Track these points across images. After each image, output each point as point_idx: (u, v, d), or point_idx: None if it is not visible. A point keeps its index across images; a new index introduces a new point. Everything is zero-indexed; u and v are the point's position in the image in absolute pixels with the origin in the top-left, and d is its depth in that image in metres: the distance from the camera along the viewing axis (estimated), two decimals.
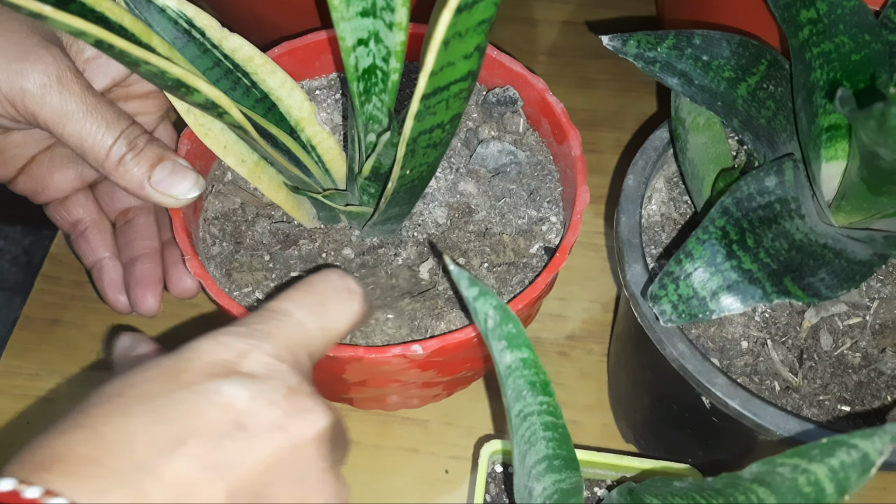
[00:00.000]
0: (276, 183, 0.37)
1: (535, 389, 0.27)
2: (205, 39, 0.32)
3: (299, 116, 0.34)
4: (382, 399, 0.43)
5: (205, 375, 0.24)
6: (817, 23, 0.32)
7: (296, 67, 0.41)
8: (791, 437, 0.30)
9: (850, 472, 0.22)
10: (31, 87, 0.33)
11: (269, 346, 0.25)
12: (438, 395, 0.45)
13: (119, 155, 0.34)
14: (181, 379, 0.24)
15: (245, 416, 0.23)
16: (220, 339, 0.25)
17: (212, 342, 0.25)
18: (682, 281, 0.29)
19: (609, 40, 0.33)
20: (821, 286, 0.29)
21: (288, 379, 0.25)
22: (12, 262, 1.10)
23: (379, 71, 0.32)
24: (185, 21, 0.32)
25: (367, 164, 0.33)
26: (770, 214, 0.30)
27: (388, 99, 0.33)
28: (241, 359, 0.25)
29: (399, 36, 0.31)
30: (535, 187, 0.41)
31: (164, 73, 0.26)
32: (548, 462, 0.29)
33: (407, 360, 0.34)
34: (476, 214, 0.40)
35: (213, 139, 0.33)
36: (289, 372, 0.25)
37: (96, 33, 0.24)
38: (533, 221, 0.40)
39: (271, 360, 0.25)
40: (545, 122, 0.42)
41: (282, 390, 0.24)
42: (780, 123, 0.33)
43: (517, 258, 0.39)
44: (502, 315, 0.27)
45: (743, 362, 0.34)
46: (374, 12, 0.31)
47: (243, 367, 0.24)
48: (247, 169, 0.35)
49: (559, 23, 0.63)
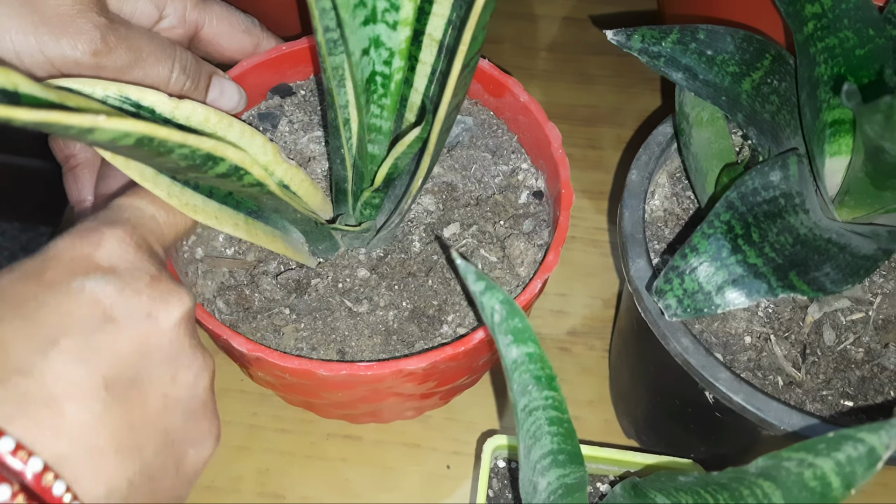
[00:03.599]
0: (269, 234, 0.36)
1: (540, 384, 0.27)
2: (156, 116, 0.31)
3: (266, 161, 0.33)
4: (377, 413, 0.43)
5: (68, 273, 0.25)
6: (822, 18, 0.32)
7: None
8: (794, 432, 0.30)
9: (856, 466, 0.22)
10: (81, 56, 0.33)
11: (124, 233, 0.27)
12: (435, 405, 0.45)
13: (178, 88, 0.37)
14: (45, 279, 0.25)
15: (112, 309, 0.25)
16: (75, 233, 0.26)
17: (69, 237, 0.26)
18: (687, 275, 0.29)
19: (613, 35, 0.33)
20: (825, 280, 0.29)
21: (148, 268, 0.27)
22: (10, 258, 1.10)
23: (379, 76, 0.32)
24: (130, 105, 0.30)
25: (381, 172, 0.32)
26: (775, 209, 0.30)
27: (390, 103, 0.32)
28: (98, 249, 0.26)
29: (403, 33, 0.30)
30: (493, 145, 0.42)
31: (195, 152, 0.26)
32: (553, 457, 0.29)
33: (407, 374, 0.33)
34: (456, 190, 0.41)
35: (203, 214, 0.32)
36: (147, 261, 0.27)
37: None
38: (507, 175, 0.41)
39: (129, 248, 0.27)
40: (473, 83, 0.43)
41: (145, 279, 0.26)
42: (784, 118, 0.33)
43: (515, 211, 0.40)
44: (509, 309, 0.27)
45: (746, 357, 0.34)
46: (374, 18, 0.31)
47: (103, 260, 0.26)
48: (243, 230, 0.34)
49: (560, 19, 0.63)
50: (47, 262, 0.25)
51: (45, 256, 0.26)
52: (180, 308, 0.27)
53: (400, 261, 0.38)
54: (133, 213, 0.28)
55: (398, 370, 0.32)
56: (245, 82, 0.41)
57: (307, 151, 0.42)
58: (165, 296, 0.26)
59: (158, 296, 0.26)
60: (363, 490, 0.45)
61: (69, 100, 0.25)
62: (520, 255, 0.38)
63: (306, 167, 0.41)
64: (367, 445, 0.46)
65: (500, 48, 0.62)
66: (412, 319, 0.37)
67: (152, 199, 0.29)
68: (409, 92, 0.34)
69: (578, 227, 0.53)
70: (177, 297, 0.27)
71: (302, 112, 0.43)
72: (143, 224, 0.28)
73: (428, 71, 0.33)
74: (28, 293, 0.24)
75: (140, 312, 0.26)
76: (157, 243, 0.29)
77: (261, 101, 0.43)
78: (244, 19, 0.41)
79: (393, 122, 0.35)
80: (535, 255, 0.38)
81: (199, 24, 0.39)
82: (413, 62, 0.33)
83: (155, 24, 0.37)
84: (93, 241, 0.26)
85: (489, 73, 0.41)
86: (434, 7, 0.31)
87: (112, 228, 0.27)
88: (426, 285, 0.37)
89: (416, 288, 0.37)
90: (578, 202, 0.54)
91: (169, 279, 0.27)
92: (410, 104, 0.34)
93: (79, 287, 0.25)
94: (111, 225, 0.27)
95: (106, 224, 0.27)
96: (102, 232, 0.27)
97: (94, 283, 0.25)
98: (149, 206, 0.29)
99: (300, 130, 0.42)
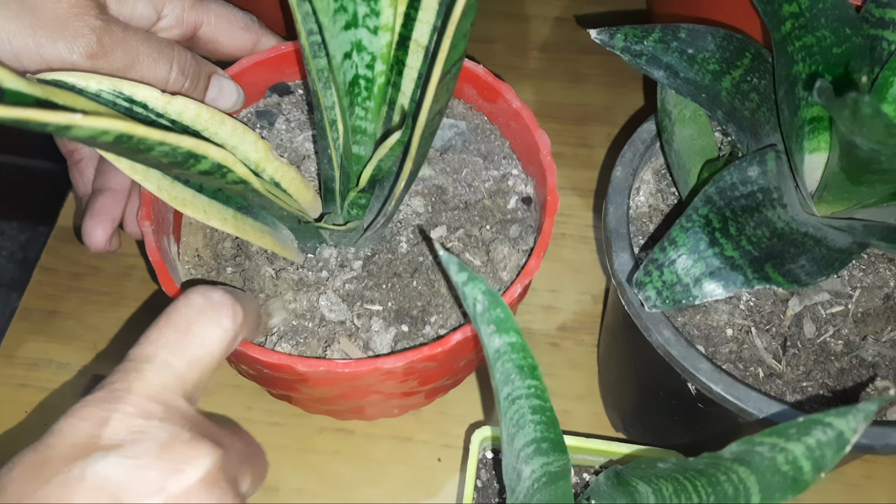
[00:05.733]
0: (258, 230, 0.37)
1: (523, 373, 0.28)
2: (148, 112, 0.31)
3: (257, 158, 0.33)
4: (361, 410, 0.44)
5: (67, 461, 0.23)
6: (799, 17, 0.32)
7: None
8: (774, 421, 0.31)
9: (825, 450, 0.23)
10: (77, 59, 0.33)
11: (129, 407, 0.24)
12: (420, 403, 0.45)
13: (177, 88, 0.37)
14: (45, 473, 0.23)
15: (120, 491, 0.23)
16: (78, 414, 0.24)
17: (70, 419, 0.24)
18: (666, 268, 0.30)
19: (597, 34, 0.34)
20: (801, 273, 0.29)
21: (157, 435, 0.24)
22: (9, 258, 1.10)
23: (362, 80, 0.32)
24: (124, 100, 0.31)
25: (365, 174, 0.33)
26: (752, 203, 0.30)
27: (374, 105, 0.33)
28: (102, 429, 0.24)
29: (384, 38, 0.31)
30: (485, 150, 0.43)
31: (175, 149, 0.26)
32: (536, 445, 0.29)
33: (385, 372, 0.34)
34: (446, 193, 0.41)
35: (192, 208, 0.33)
36: (157, 427, 0.24)
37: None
38: (498, 180, 0.42)
39: (136, 420, 0.24)
40: (468, 88, 0.43)
41: (153, 450, 0.24)
42: (763, 115, 0.34)
43: (503, 216, 0.40)
44: (491, 300, 0.27)
45: (728, 349, 0.35)
46: (355, 23, 0.31)
47: (105, 439, 0.23)
48: (231, 225, 0.35)
49: (551, 18, 0.64)
50: (46, 451, 0.23)
51: (44, 445, 0.24)
52: (196, 472, 0.24)
53: (387, 261, 0.39)
54: (141, 372, 0.25)
55: (375, 368, 0.33)
56: (244, 80, 0.41)
57: (302, 150, 0.42)
58: (177, 464, 0.24)
59: (170, 466, 0.24)
60: (356, 482, 0.45)
61: (56, 96, 0.25)
62: (503, 260, 0.38)
63: (301, 165, 0.42)
64: (360, 439, 0.46)
65: (492, 48, 0.62)
66: (397, 320, 0.37)
67: (161, 343, 0.26)
68: (396, 95, 0.34)
69: (568, 225, 0.54)
70: (191, 462, 0.24)
71: (299, 111, 0.44)
72: (156, 381, 0.25)
73: (415, 75, 0.33)
74: (26, 492, 0.23)
75: (150, 490, 0.23)
76: (175, 393, 0.26)
77: (259, 98, 0.44)
78: (243, 17, 0.42)
79: (379, 125, 0.35)
80: (518, 259, 0.39)
81: (198, 23, 0.39)
82: (400, 66, 0.33)
83: (153, 25, 0.38)
84: (95, 420, 0.24)
85: (484, 78, 0.42)
86: (420, 14, 0.32)
87: (116, 403, 0.24)
88: (411, 286, 0.38)
89: (401, 289, 0.38)
90: (569, 200, 0.55)
91: (185, 440, 0.24)
92: (398, 107, 0.35)
93: (79, 475, 0.23)
94: (115, 399, 0.24)
95: (110, 399, 0.24)
96: (106, 408, 0.24)
97: (95, 467, 0.23)
98: (159, 352, 0.26)
99: (296, 129, 0.43)
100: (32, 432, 0.46)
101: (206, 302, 0.27)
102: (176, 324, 0.27)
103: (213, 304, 0.27)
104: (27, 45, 0.33)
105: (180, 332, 0.26)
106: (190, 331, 0.27)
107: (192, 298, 0.27)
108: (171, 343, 0.26)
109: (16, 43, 0.33)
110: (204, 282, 0.38)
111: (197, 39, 0.40)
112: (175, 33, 0.39)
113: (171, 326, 0.27)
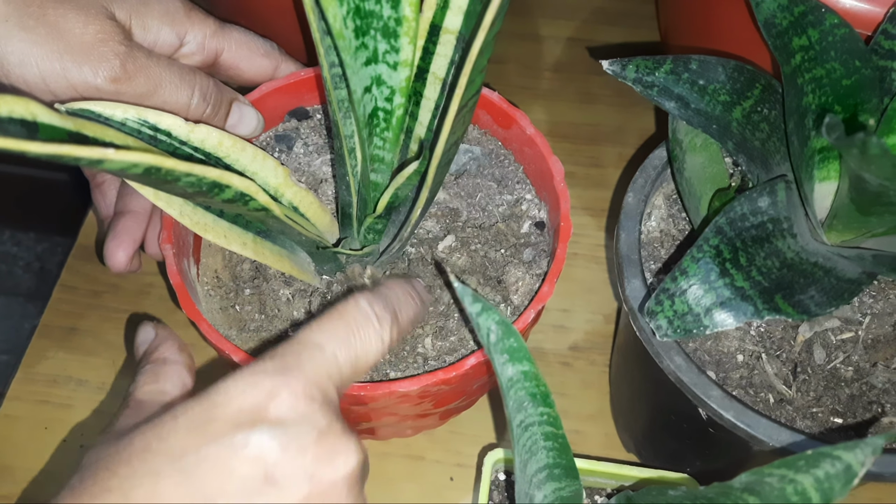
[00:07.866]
0: (276, 254, 0.37)
1: (535, 401, 0.29)
2: (172, 139, 0.32)
3: (276, 183, 0.34)
4: (373, 431, 0.44)
5: (233, 425, 0.24)
6: (809, 49, 0.33)
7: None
8: (784, 448, 0.31)
9: (834, 482, 0.23)
10: (101, 83, 0.35)
11: (299, 384, 0.25)
12: (434, 424, 0.46)
13: (198, 114, 0.38)
14: (209, 431, 0.24)
15: (275, 468, 0.24)
16: (249, 379, 0.25)
17: (241, 383, 0.25)
18: (677, 297, 0.30)
19: (609, 65, 0.35)
20: (810, 303, 0.30)
21: (318, 421, 0.25)
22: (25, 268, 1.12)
23: (381, 112, 0.33)
24: (148, 128, 0.31)
25: (383, 201, 0.34)
26: (762, 234, 0.31)
27: (392, 135, 0.34)
28: (270, 400, 0.24)
29: (404, 73, 0.32)
30: (499, 175, 0.43)
31: (201, 180, 0.26)
32: (548, 471, 0.30)
33: (401, 395, 0.34)
34: (460, 217, 0.42)
35: (213, 233, 0.33)
36: (319, 412, 0.25)
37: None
38: (511, 204, 0.42)
39: (301, 400, 0.25)
40: (483, 114, 0.44)
41: (312, 435, 0.24)
42: (773, 145, 0.35)
43: (516, 240, 0.41)
44: (504, 330, 0.28)
45: (738, 375, 0.35)
46: (375, 59, 0.32)
47: (271, 413, 0.24)
48: (251, 249, 0.36)
49: (564, 39, 0.65)
50: (213, 409, 0.24)
51: (211, 402, 0.25)
52: (345, 467, 0.25)
53: None
54: (312, 355, 0.26)
55: (391, 392, 0.34)
56: (264, 105, 0.42)
57: (319, 174, 0.43)
58: (331, 454, 0.25)
59: (324, 454, 0.24)
60: (368, 500, 0.46)
61: (86, 128, 0.26)
62: (515, 283, 0.39)
63: (318, 189, 0.43)
64: (372, 457, 0.46)
65: (506, 68, 0.63)
66: (405, 340, 0.38)
67: (333, 334, 0.27)
68: (413, 125, 0.35)
69: (580, 244, 0.55)
70: (343, 455, 0.25)
71: (317, 135, 0.45)
72: (322, 368, 0.26)
73: (432, 106, 0.34)
74: (189, 445, 0.24)
75: (302, 474, 0.24)
76: (335, 385, 0.27)
77: (278, 123, 0.45)
78: (263, 44, 0.43)
79: (396, 154, 0.36)
80: (531, 284, 0.39)
81: (219, 50, 0.40)
82: (418, 97, 0.34)
83: (176, 52, 0.39)
84: (265, 391, 0.25)
85: (498, 105, 0.42)
86: (438, 48, 0.32)
87: (287, 378, 0.25)
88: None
89: None
90: (580, 219, 0.56)
91: (339, 433, 0.25)
92: (415, 136, 0.36)
93: (242, 442, 0.24)
94: (286, 373, 0.25)
95: (281, 372, 0.25)
96: (276, 381, 0.25)
97: (258, 438, 0.24)
98: (329, 342, 0.27)
99: (314, 153, 0.44)
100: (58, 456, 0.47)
101: (372, 311, 0.29)
102: (347, 322, 0.28)
103: (378, 315, 0.29)
104: (54, 68, 0.34)
105: (350, 331, 0.28)
106: (357, 332, 0.28)
107: (360, 303, 0.29)
108: (341, 338, 0.27)
109: (43, 66, 0.34)
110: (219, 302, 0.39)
111: (218, 66, 0.41)
112: (197, 59, 0.40)
113: (343, 323, 0.28)
